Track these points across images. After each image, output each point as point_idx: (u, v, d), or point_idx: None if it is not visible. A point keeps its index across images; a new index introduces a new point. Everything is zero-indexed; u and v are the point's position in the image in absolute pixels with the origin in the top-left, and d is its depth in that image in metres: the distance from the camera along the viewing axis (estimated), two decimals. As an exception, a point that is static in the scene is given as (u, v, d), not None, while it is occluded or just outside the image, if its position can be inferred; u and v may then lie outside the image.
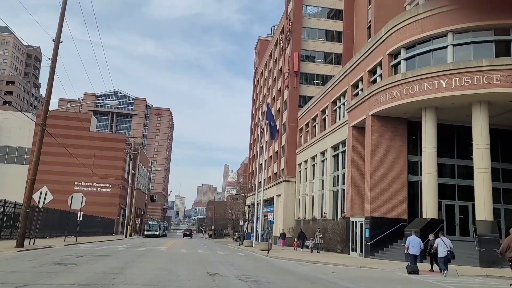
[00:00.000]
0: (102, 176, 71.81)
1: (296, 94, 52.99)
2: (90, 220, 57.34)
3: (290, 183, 50.66)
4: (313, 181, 44.18)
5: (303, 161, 47.94)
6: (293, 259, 22.95)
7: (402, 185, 27.15)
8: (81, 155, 71.51)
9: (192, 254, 23.78)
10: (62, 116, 77.72)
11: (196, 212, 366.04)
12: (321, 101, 42.85)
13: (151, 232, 75.72)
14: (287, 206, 49.98)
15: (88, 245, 29.35)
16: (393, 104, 25.46)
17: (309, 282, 12.30)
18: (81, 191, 74.44)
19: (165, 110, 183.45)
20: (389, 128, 27.58)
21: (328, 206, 38.10)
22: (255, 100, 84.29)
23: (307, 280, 12.98)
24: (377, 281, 13.80)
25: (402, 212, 26.82)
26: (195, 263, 17.09)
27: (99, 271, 12.44)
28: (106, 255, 19.32)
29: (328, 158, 39.19)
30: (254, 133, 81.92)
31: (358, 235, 28.21)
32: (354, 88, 34.98)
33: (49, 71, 21.97)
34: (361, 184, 29.59)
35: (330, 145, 38.87)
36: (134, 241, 44.41)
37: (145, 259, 18.05)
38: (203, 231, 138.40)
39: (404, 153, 27.60)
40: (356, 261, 22.86)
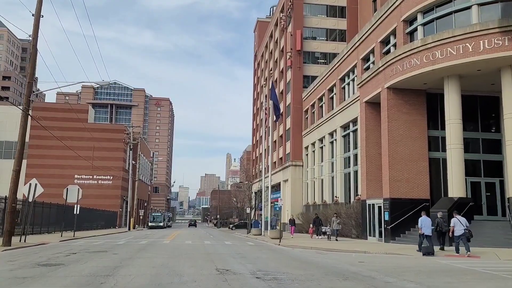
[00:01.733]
0: (103, 168, 69.94)
1: (300, 74, 50.55)
2: (91, 214, 55.59)
3: (297, 168, 48.55)
4: (322, 164, 42.02)
5: (310, 144, 45.74)
6: (308, 247, 20.88)
7: (423, 163, 24.94)
8: (80, 147, 69.58)
9: (198, 246, 21.73)
10: (60, 108, 75.62)
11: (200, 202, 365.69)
12: (328, 79, 40.47)
13: (155, 223, 73.97)
14: (295, 191, 47.93)
15: (86, 240, 27.37)
16: (411, 74, 23.13)
17: (340, 277, 10.18)
18: (81, 184, 72.46)
19: (165, 100, 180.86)
20: (406, 102, 25.27)
21: (340, 189, 35.99)
22: (256, 84, 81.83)
23: (336, 274, 10.87)
24: (419, 272, 11.68)
25: (423, 192, 24.66)
26: (202, 258, 15.01)
27: (87, 273, 10.35)
28: (102, 251, 17.27)
29: (338, 139, 36.96)
30: (256, 119, 79.65)
31: (376, 218, 26.11)
32: (364, 62, 32.58)
33: (31, 50, 19.70)
34: (377, 164, 27.43)
35: (339, 125, 36.61)
36: (137, 233, 42.53)
37: (145, 255, 15.98)
38: (208, 220, 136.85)
39: (424, 128, 25.34)
40: (378, 247, 20.78)
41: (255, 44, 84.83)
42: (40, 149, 71.13)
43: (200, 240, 28.33)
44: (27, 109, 19.58)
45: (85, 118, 73.99)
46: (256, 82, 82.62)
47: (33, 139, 70.65)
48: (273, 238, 27.92)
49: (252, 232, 37.47)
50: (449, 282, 9.76)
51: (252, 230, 37.96)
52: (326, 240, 24.92)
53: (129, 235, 36.93)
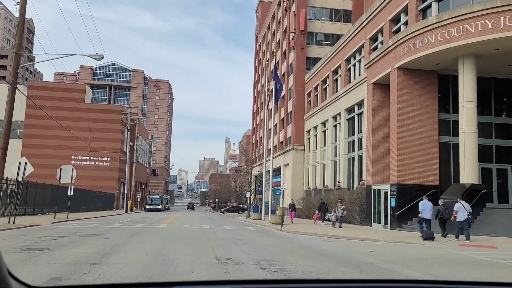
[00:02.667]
0: (100, 149, 68.81)
1: (303, 55, 49.05)
2: (87, 195, 54.67)
3: (298, 152, 47.42)
4: (324, 148, 40.89)
5: (313, 128, 44.54)
6: (312, 234, 19.85)
7: (433, 147, 23.80)
8: (77, 128, 68.33)
9: (196, 230, 20.69)
10: (57, 87, 74.06)
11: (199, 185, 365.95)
12: (333, 60, 39.05)
13: (153, 206, 73.26)
14: (296, 176, 46.90)
15: (80, 222, 26.34)
16: (425, 52, 21.81)
17: (355, 270, 9.10)
18: (78, 165, 71.42)
19: (164, 82, 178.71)
20: (417, 83, 24.00)
21: (343, 174, 34.93)
22: (257, 67, 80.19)
23: (349, 265, 9.80)
24: (442, 264, 10.61)
25: (433, 178, 23.58)
26: (201, 244, 13.95)
27: (72, 260, 9.25)
28: (94, 235, 16.20)
29: (342, 122, 35.75)
30: (257, 102, 78.26)
31: (382, 204, 25.07)
32: (372, 42, 31.18)
33: (19, 19, 18.33)
34: (384, 148, 26.28)
35: (343, 108, 35.37)
36: (133, 216, 41.59)
37: (139, 240, 14.91)
38: (207, 204, 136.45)
39: (435, 111, 24.12)
40: (385, 235, 19.76)
41: (257, 25, 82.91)
42: (36, 129, 69.81)
43: (198, 224, 27.33)
44: (15, 82, 18.29)
45: (82, 98, 72.49)
46: (257, 64, 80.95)
47: (29, 118, 69.36)
48: (274, 223, 26.94)
49: (252, 216, 36.54)
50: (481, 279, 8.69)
51: (252, 215, 37.00)
52: (331, 227, 23.79)
53: (125, 217, 35.96)
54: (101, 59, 18.82)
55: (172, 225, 24.62)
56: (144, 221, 29.93)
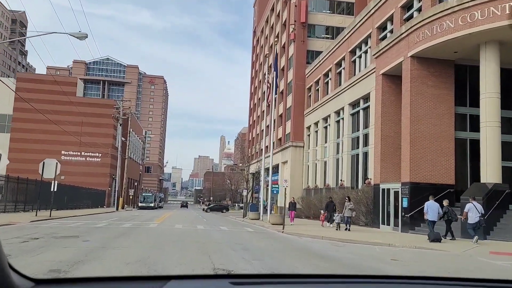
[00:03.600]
0: (91, 145, 66.59)
1: (304, 48, 47.07)
2: (76, 192, 52.46)
3: (297, 149, 45.47)
4: (326, 145, 38.96)
5: (313, 124, 42.59)
6: (318, 236, 17.85)
7: (448, 143, 21.89)
8: (68, 122, 66.05)
9: (189, 231, 18.63)
10: (47, 80, 71.47)
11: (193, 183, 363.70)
12: (336, 52, 37.09)
13: (145, 204, 70.97)
14: (295, 174, 44.93)
15: (63, 221, 24.21)
16: (443, 39, 19.87)
17: None
18: (68, 161, 69.12)
19: (159, 78, 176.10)
20: (432, 73, 22.08)
21: (346, 173, 33.00)
22: (255, 62, 78.15)
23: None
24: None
25: (448, 177, 21.67)
26: (194, 249, 11.91)
27: (32, 270, 7.16)
28: (72, 237, 14.13)
29: (345, 118, 33.82)
30: (254, 98, 76.26)
31: (391, 205, 23.16)
32: (379, 32, 29.24)
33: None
34: (393, 144, 24.38)
35: (347, 102, 33.43)
36: (124, 214, 39.44)
37: (123, 243, 12.85)
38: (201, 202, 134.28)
39: (451, 104, 22.21)
40: (400, 238, 17.83)
41: (255, 19, 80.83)
42: (25, 122, 67.36)
43: (192, 224, 25.27)
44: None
45: (74, 91, 70.17)
46: (254, 59, 78.91)
47: (17, 111, 66.99)
48: (274, 223, 24.94)
49: (249, 216, 34.49)
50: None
51: (249, 214, 34.94)
52: (334, 229, 21.64)
53: (114, 216, 33.85)
54: (85, 38, 16.71)
55: (164, 225, 22.55)
56: (134, 220, 27.83)
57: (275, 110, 54.54)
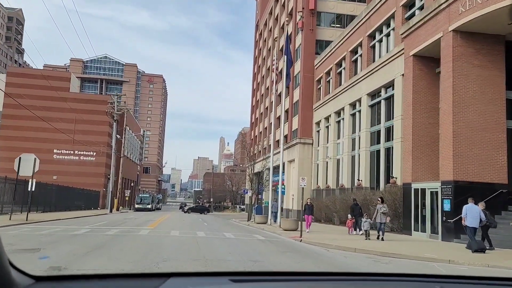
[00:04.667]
0: (85, 143, 62.94)
1: (313, 37, 43.48)
2: (68, 193, 48.90)
3: (305, 146, 41.86)
4: (339, 141, 35.36)
5: (323, 118, 38.99)
6: (350, 248, 14.20)
7: (499, 134, 18.28)
8: (61, 119, 62.52)
9: (187, 241, 15.00)
10: (39, 75, 67.75)
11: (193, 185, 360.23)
12: (351, 38, 33.51)
13: (142, 205, 67.34)
14: (303, 174, 41.17)
15: (41, 225, 20.54)
16: (497, 6, 16.27)
17: None
18: (61, 160, 65.52)
19: (158, 76, 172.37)
20: (479, 51, 18.48)
21: (364, 171, 29.36)
22: (257, 57, 74.59)
23: None
24: None
25: (499, 174, 18.06)
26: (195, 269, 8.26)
27: None
28: (30, 250, 10.52)
29: (363, 110, 30.21)
30: (256, 95, 72.69)
31: (427, 208, 19.52)
32: (405, 10, 25.66)
33: None
34: (427, 137, 20.80)
35: (365, 92, 29.83)
36: (116, 217, 35.81)
37: (92, 263, 9.18)
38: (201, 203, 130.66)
39: (501, 88, 18.60)
40: (452, 251, 14.23)
41: (257, 12, 77.29)
42: (15, 119, 63.72)
43: (190, 229, 21.65)
44: None
45: (67, 87, 66.63)
46: (257, 54, 75.34)
47: (7, 108, 63.31)
48: (287, 229, 21.33)
49: (255, 220, 30.79)
50: None
51: (255, 218, 31.19)
52: (364, 238, 17.75)
53: (104, 219, 30.23)
54: None
55: (157, 232, 18.90)
56: (124, 224, 24.20)
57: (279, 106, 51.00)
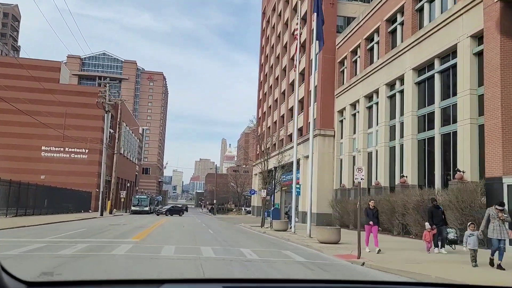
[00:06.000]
0: (77, 139, 57.03)
1: (333, 13, 37.55)
2: (54, 193, 43.31)
3: (326, 139, 35.90)
4: (370, 130, 29.40)
5: (349, 105, 33.05)
6: (458, 283, 8.13)
7: None
8: (50, 113, 56.72)
9: (186, 270, 8.96)
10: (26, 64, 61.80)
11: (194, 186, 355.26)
12: (386, 4, 27.52)
13: (139, 207, 61.22)
14: (323, 170, 35.37)
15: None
16: None
17: None
18: (50, 158, 59.61)
19: (158, 74, 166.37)
20: None
21: (411, 165, 23.31)
22: (265, 46, 68.73)
23: None
24: None
25: None
26: None
27: None
28: None
29: (407, 89, 24.20)
30: (263, 87, 66.80)
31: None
32: (472, -47, 19.68)
33: None
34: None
35: (411, 67, 23.83)
36: (102, 222, 29.86)
37: None
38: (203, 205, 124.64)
39: None
40: None
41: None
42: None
43: (192, 241, 15.66)
44: None
45: (56, 78, 60.73)
46: (264, 44, 69.49)
47: None
48: (325, 242, 15.35)
49: (273, 226, 24.55)
50: None
51: (272, 223, 24.84)
52: (470, 261, 10.62)
53: (86, 225, 24.30)
54: None
55: (143, 247, 12.87)
56: (104, 233, 18.23)
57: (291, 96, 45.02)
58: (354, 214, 27.69)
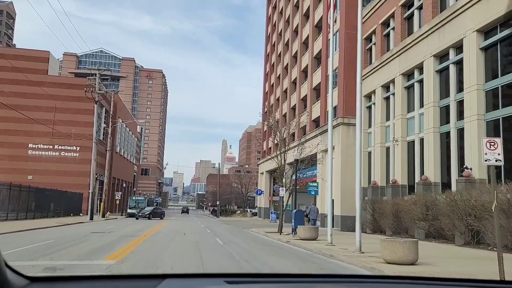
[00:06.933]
0: (68, 135, 51.94)
1: (357, -18, 32.30)
2: (42, 195, 38.46)
3: (351, 128, 30.76)
4: (411, 115, 24.19)
5: (380, 87, 27.91)
6: None
7: None
8: (38, 107, 51.66)
9: None
10: (11, 55, 56.65)
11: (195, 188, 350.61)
12: (433, -42, 22.33)
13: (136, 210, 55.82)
14: (347, 165, 30.23)
15: None
16: None
17: None
18: (37, 157, 54.31)
19: (157, 71, 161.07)
20: None
21: (476, 154, 18.06)
22: (271, 34, 63.59)
23: None
24: None
25: None
26: None
27: None
28: None
29: (470, 57, 18.91)
30: (270, 78, 61.66)
31: None
32: None
33: None
34: None
35: (474, 28, 18.59)
36: (84, 228, 24.66)
37: None
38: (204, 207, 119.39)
39: None
40: None
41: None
42: (-20, 108, 52.53)
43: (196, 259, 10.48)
44: None
45: (44, 69, 55.57)
46: (270, 31, 64.35)
47: (-31, 93, 52.34)
48: (396, 262, 10.14)
49: (299, 233, 19.04)
50: None
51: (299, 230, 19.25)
52: None
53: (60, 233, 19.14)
54: None
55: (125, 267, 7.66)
56: (67, 249, 13.02)
57: (306, 83, 39.84)
58: (394, 217, 22.51)
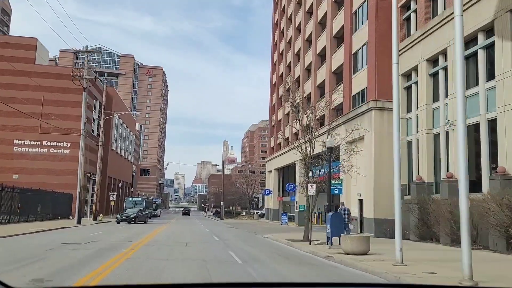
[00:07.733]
0: (56, 131, 47.03)
1: None
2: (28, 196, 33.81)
3: (385, 113, 25.85)
4: (472, 91, 19.19)
5: (425, 61, 22.94)
6: None
7: None
8: (25, 99, 46.71)
9: None
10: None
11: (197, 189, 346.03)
12: None
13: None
14: (381, 159, 25.28)
15: None
16: None
17: None
18: (24, 153, 49.36)
19: (157, 68, 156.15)
20: None
21: None
22: (279, 20, 58.67)
23: None
24: None
25: None
26: None
27: None
28: None
29: None
30: (278, 69, 56.70)
31: None
32: None
33: None
34: None
35: None
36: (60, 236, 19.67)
37: None
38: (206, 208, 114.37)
39: None
40: None
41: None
42: (-38, 100, 47.51)
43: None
44: None
45: (31, 57, 50.66)
46: (278, 18, 59.43)
47: None
48: None
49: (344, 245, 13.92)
50: None
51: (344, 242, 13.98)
52: None
53: (24, 243, 14.19)
54: None
55: None
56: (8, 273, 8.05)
57: (325, 66, 34.82)
58: (455, 221, 17.53)
